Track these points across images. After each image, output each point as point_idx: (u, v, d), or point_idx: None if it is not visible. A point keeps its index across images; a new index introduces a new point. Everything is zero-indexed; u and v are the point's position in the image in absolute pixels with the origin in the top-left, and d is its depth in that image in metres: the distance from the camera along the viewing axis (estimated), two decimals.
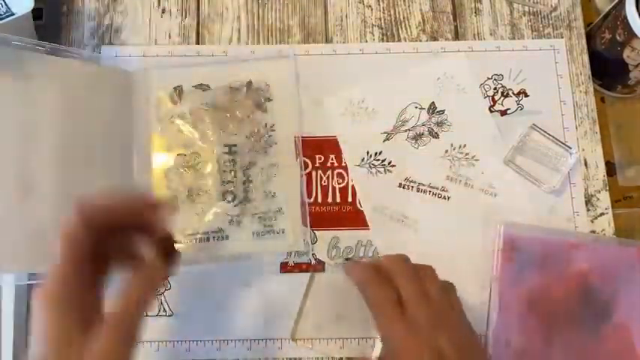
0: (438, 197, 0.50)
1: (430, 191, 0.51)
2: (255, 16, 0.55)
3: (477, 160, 0.51)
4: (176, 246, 0.38)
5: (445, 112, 0.52)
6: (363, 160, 0.51)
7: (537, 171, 0.50)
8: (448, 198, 0.50)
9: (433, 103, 0.53)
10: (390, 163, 0.51)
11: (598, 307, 0.47)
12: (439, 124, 0.52)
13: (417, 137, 0.52)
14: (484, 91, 0.53)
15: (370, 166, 0.51)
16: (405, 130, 0.52)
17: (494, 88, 0.53)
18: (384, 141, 0.52)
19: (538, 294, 0.47)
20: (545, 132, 0.51)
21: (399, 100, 0.53)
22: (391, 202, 0.50)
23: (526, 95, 0.53)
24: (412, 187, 0.51)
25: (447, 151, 0.52)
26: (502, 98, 0.53)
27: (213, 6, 0.55)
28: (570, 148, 0.50)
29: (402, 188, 0.51)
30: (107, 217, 0.34)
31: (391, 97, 0.53)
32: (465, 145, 0.52)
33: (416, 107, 0.53)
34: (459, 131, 0.52)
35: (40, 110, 0.45)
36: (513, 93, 0.53)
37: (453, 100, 0.53)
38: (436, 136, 0.52)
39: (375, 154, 0.51)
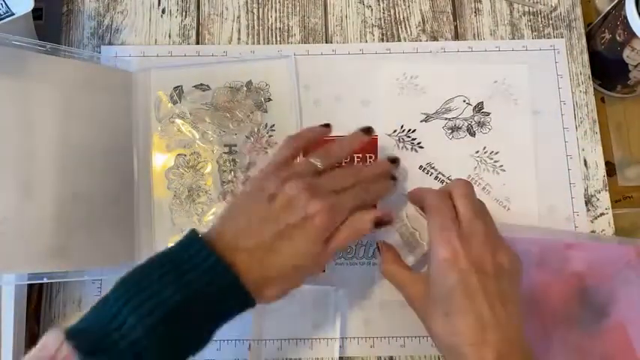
0: None
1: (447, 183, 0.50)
2: (255, 16, 0.55)
3: (503, 170, 0.51)
4: None
5: (490, 115, 0.52)
6: (395, 131, 0.51)
7: None
8: None
9: (482, 102, 0.52)
10: (419, 144, 0.51)
11: (595, 306, 0.47)
12: (480, 124, 0.52)
13: (454, 129, 0.52)
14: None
15: (400, 140, 0.51)
16: (445, 119, 0.52)
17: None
18: (422, 121, 0.52)
19: (536, 294, 0.47)
20: None
21: (450, 89, 0.53)
22: (406, 185, 0.50)
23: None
24: (432, 173, 0.50)
25: (477, 152, 0.51)
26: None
27: (213, 6, 0.55)
28: None
29: (421, 171, 0.51)
30: None
31: (444, 84, 0.53)
32: (497, 152, 0.51)
33: (464, 101, 0.52)
34: (497, 137, 0.51)
35: (40, 110, 0.45)
36: None
37: (502, 106, 0.52)
38: (473, 134, 0.52)
39: (409, 130, 0.51)
